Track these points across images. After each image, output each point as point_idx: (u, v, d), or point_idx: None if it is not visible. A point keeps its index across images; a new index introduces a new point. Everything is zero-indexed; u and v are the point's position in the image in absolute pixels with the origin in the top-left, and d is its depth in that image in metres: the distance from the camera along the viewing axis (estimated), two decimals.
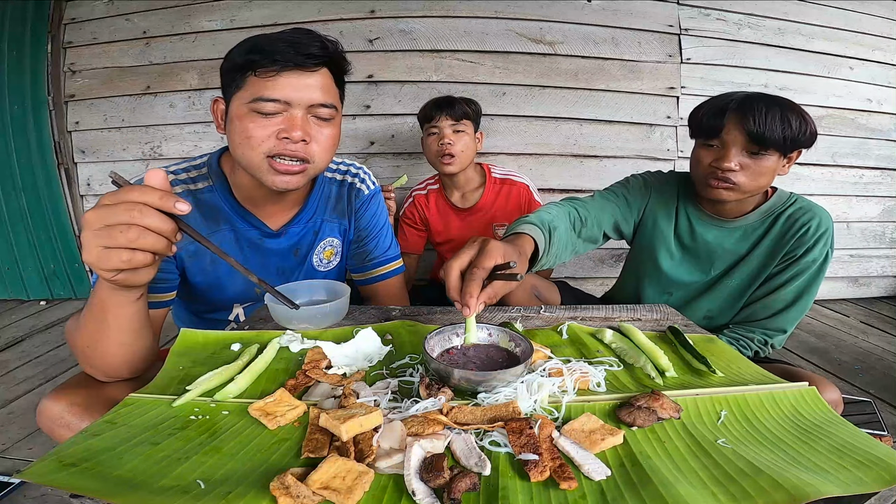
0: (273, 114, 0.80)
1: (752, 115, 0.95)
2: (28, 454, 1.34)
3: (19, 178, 2.46)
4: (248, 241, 0.96)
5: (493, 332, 0.72)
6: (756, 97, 0.98)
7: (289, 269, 1.02)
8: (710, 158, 1.02)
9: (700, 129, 1.05)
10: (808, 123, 0.97)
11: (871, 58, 2.46)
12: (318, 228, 1.03)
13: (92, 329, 0.69)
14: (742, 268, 1.11)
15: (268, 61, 0.78)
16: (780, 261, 1.06)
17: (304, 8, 2.25)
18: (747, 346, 1.07)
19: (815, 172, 2.50)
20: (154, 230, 0.55)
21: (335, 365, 0.70)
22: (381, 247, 1.11)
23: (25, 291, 2.63)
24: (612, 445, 0.51)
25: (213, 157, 0.94)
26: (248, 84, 0.80)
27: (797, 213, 1.06)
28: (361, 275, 1.13)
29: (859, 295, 2.69)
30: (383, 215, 1.12)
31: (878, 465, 0.46)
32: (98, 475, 0.45)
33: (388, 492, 0.45)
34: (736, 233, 1.11)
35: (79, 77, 2.39)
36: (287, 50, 0.78)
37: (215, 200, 0.92)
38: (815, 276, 1.04)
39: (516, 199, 1.70)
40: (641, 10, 2.30)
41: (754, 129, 0.95)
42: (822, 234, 1.02)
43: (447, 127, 1.57)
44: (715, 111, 1.01)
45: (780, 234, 1.06)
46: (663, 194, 1.19)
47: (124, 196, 0.55)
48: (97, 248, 0.55)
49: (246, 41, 0.83)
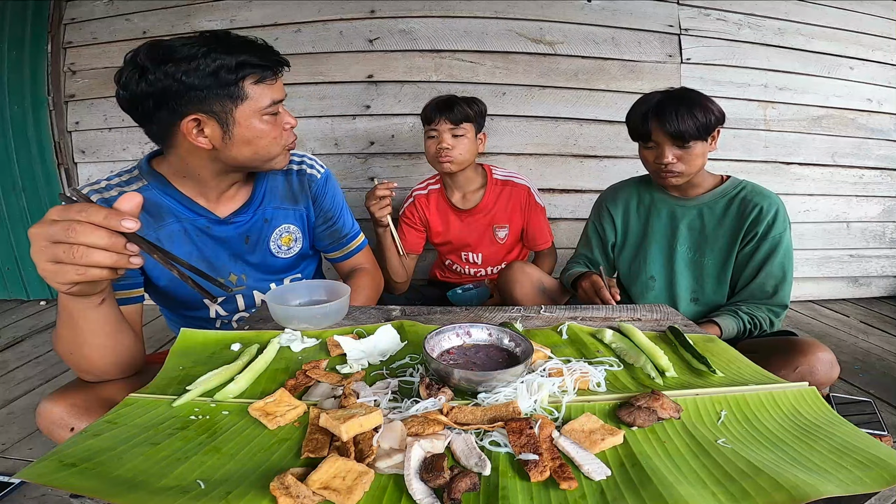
0: (278, 112, 0.91)
1: (667, 119, 1.11)
2: (28, 454, 1.34)
3: (19, 178, 2.46)
4: (197, 229, 0.98)
5: (493, 332, 0.72)
6: (666, 100, 1.13)
7: (241, 255, 1.05)
8: (652, 157, 1.19)
9: (635, 134, 1.22)
10: (712, 110, 1.12)
11: (871, 58, 2.46)
12: (269, 217, 1.06)
13: (68, 336, 0.70)
14: (712, 246, 1.23)
15: (267, 71, 0.87)
16: (745, 239, 1.18)
17: (304, 8, 2.25)
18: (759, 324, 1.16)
19: (815, 172, 2.49)
20: (100, 247, 0.55)
21: (350, 358, 0.71)
22: (347, 224, 1.19)
23: (25, 291, 2.63)
24: (612, 445, 0.51)
25: (141, 162, 0.97)
26: (253, 94, 0.86)
27: (749, 196, 1.19)
28: (338, 252, 1.20)
29: (859, 295, 2.69)
30: (339, 194, 1.19)
31: (878, 465, 0.46)
32: (98, 475, 0.45)
33: (388, 492, 0.45)
34: (693, 209, 1.25)
35: (79, 77, 2.38)
36: (272, 58, 0.88)
37: (154, 197, 0.94)
38: (787, 250, 1.17)
39: (517, 200, 1.70)
40: (641, 10, 2.30)
41: (672, 131, 1.11)
42: (775, 211, 1.16)
43: (446, 131, 1.56)
44: (640, 118, 1.17)
45: (738, 215, 1.20)
46: (617, 198, 1.37)
47: (67, 213, 0.54)
48: (47, 264, 0.56)
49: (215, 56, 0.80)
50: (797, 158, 2.47)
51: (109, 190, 0.92)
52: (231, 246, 1.03)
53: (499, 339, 0.71)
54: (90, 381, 0.76)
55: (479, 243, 1.75)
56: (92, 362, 0.73)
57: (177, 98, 0.81)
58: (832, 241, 2.57)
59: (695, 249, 1.25)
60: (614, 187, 1.41)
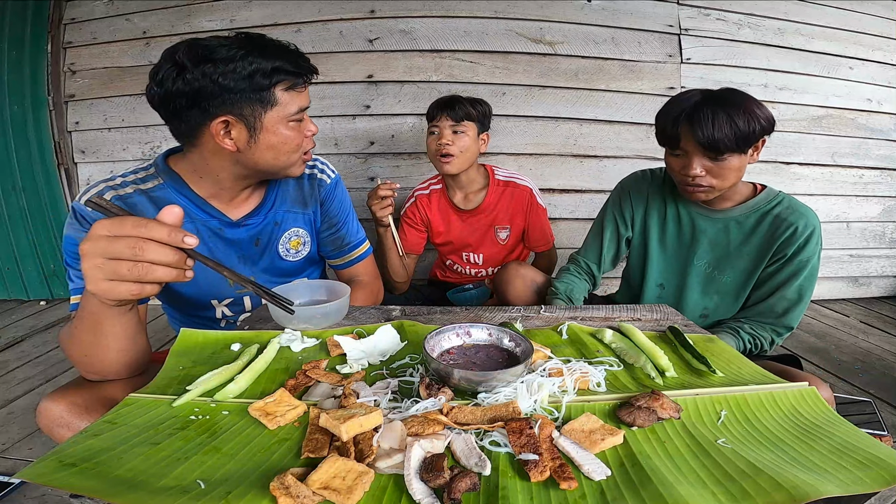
0: (302, 119, 0.92)
1: (700, 126, 0.96)
2: (28, 454, 1.34)
3: (19, 178, 2.46)
4: (209, 230, 0.98)
5: (493, 332, 0.72)
6: (703, 103, 0.98)
7: (251, 258, 1.05)
8: (679, 165, 1.05)
9: (663, 139, 1.07)
10: (758, 117, 0.97)
11: (871, 58, 2.46)
12: (279, 220, 1.06)
13: (87, 340, 0.70)
14: (734, 264, 1.12)
15: (298, 79, 0.88)
16: (771, 260, 1.08)
17: (304, 8, 2.25)
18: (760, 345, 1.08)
19: (815, 172, 2.50)
20: (164, 264, 0.56)
21: (350, 358, 0.71)
22: (352, 231, 1.19)
23: (25, 291, 2.63)
24: (612, 445, 0.51)
25: (158, 160, 0.96)
26: (283, 100, 0.87)
27: (784, 213, 1.06)
28: (339, 259, 1.19)
29: (859, 295, 2.69)
30: (347, 200, 1.19)
31: (878, 465, 0.46)
32: (98, 475, 0.45)
33: (388, 492, 0.45)
34: (719, 223, 1.13)
35: (79, 77, 2.38)
36: (304, 65, 0.89)
37: (169, 196, 0.94)
38: (812, 274, 1.06)
39: (519, 202, 1.69)
40: (641, 10, 2.30)
41: (704, 140, 0.96)
42: (810, 233, 1.04)
43: (446, 127, 1.56)
44: (670, 121, 1.02)
45: (769, 234, 1.07)
46: (642, 193, 1.24)
47: (127, 230, 0.55)
48: (103, 282, 0.56)
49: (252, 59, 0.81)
50: (797, 158, 2.47)
51: (125, 187, 0.92)
52: (241, 248, 1.03)
53: (499, 339, 0.71)
54: (94, 380, 0.76)
55: (480, 244, 1.75)
56: (106, 365, 0.73)
57: (210, 98, 0.81)
58: (832, 241, 2.57)
59: (714, 266, 1.15)
60: (637, 178, 1.27)
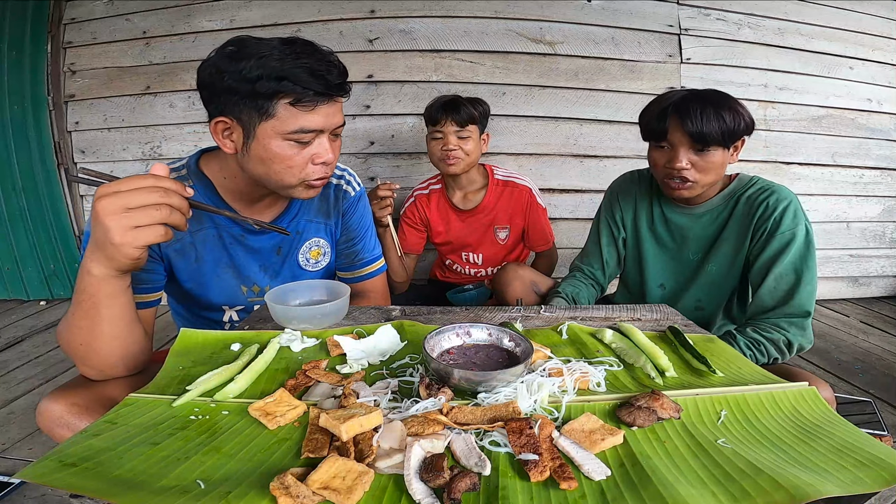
0: (308, 142, 0.84)
1: (689, 116, 1.00)
2: (28, 454, 1.34)
3: (19, 178, 2.46)
4: (232, 237, 0.98)
5: (493, 332, 0.72)
6: (691, 97, 1.02)
7: (272, 267, 1.05)
8: (664, 159, 1.08)
9: (648, 132, 1.10)
10: (742, 115, 1.02)
11: (871, 58, 2.46)
12: (302, 229, 1.06)
13: (85, 326, 0.70)
14: (716, 252, 1.15)
15: (307, 95, 0.79)
16: (753, 241, 1.08)
17: (304, 8, 2.25)
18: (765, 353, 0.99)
19: (815, 172, 2.50)
20: (177, 208, 0.65)
21: (350, 358, 0.72)
22: (367, 247, 1.16)
23: (25, 291, 2.63)
24: (612, 445, 0.51)
25: (191, 160, 0.96)
26: (282, 114, 0.80)
27: (756, 193, 1.09)
28: (350, 273, 1.17)
29: (859, 295, 2.69)
30: (368, 216, 1.17)
31: (878, 465, 0.46)
32: (98, 475, 0.45)
33: (388, 492, 0.45)
34: (703, 217, 1.16)
35: (79, 77, 2.38)
36: (320, 83, 0.79)
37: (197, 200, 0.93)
38: (803, 251, 1.02)
39: (519, 201, 1.69)
40: (641, 10, 2.30)
41: (694, 130, 1.00)
42: (785, 206, 1.04)
43: (451, 133, 1.54)
44: (658, 115, 1.06)
45: (743, 215, 1.10)
46: (630, 195, 1.27)
47: (141, 182, 0.62)
48: (128, 230, 0.62)
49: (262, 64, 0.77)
50: (797, 158, 2.47)
51: None
52: (262, 257, 1.02)
53: (499, 339, 0.71)
54: (93, 378, 0.75)
55: (479, 243, 1.75)
56: (103, 355, 0.73)
57: (217, 96, 0.81)
58: (832, 241, 2.57)
59: (703, 258, 1.17)
60: (625, 179, 1.31)
